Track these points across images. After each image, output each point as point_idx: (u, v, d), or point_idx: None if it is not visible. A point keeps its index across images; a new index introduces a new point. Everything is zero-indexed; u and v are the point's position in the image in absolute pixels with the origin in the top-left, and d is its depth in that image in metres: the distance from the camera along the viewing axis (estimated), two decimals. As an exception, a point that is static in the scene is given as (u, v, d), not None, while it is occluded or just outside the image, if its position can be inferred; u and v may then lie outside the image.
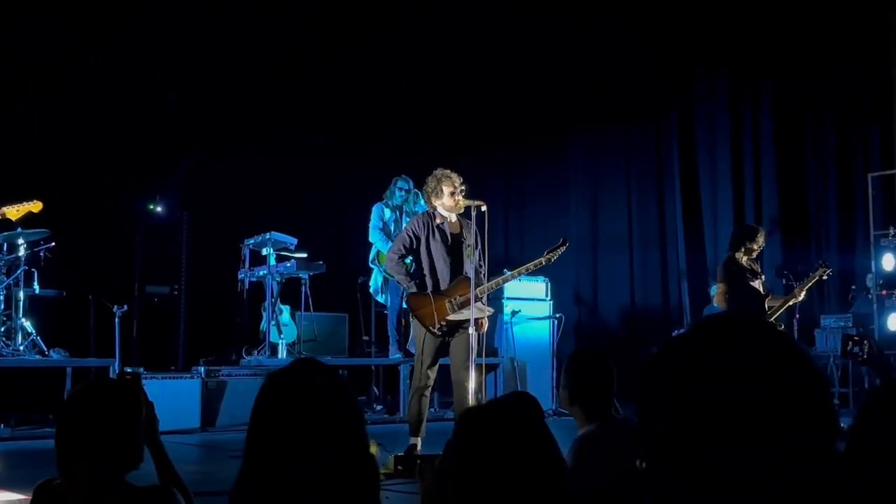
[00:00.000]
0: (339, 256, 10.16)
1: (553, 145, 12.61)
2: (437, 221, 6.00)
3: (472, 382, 5.70)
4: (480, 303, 5.84)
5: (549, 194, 12.65)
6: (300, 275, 9.37)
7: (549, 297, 10.15)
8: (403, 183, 8.87)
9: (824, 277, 7.54)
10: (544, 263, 6.06)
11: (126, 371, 6.51)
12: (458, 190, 5.96)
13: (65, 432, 2.22)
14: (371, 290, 9.31)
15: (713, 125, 11.99)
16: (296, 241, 9.31)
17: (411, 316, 6.15)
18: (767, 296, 7.31)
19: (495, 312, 8.57)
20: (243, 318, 9.64)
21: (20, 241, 7.82)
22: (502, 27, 11.32)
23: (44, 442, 6.25)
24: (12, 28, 9.23)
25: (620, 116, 12.24)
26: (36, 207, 7.60)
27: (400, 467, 5.35)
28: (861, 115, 11.31)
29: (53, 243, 7.94)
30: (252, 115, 10.58)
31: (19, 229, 7.73)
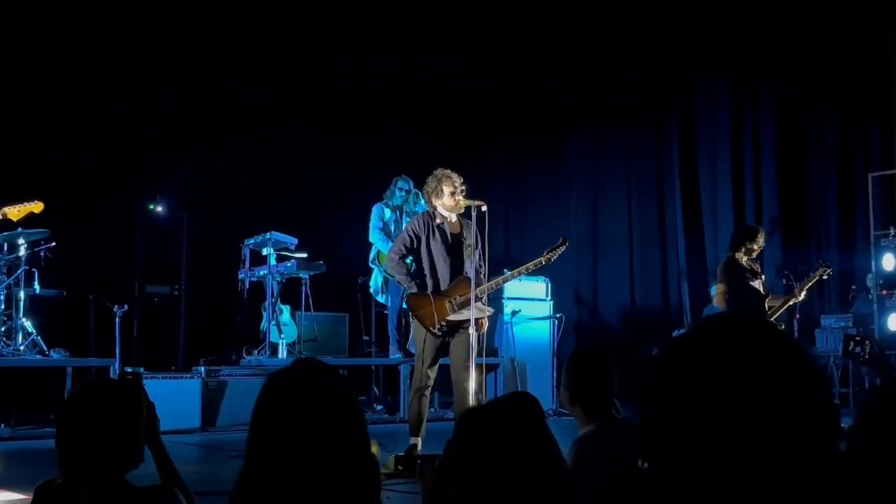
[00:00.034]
0: (339, 256, 10.16)
1: (553, 145, 12.61)
2: (438, 221, 6.00)
3: (473, 382, 5.69)
4: (480, 303, 5.84)
5: (550, 194, 12.65)
6: (300, 275, 9.37)
7: (549, 297, 10.15)
8: (404, 183, 8.86)
9: (824, 277, 7.54)
10: (544, 263, 6.06)
11: (127, 371, 6.52)
12: (459, 190, 5.96)
13: (65, 432, 2.22)
14: (371, 291, 9.30)
15: (713, 125, 11.98)
16: (296, 241, 9.32)
17: (411, 316, 6.15)
18: (767, 296, 7.30)
19: (495, 312, 8.57)
20: (243, 318, 9.64)
21: (21, 240, 7.82)
22: (502, 27, 11.32)
23: (44, 442, 6.25)
24: (12, 28, 9.23)
25: (620, 116, 12.23)
26: (37, 208, 7.60)
27: (400, 467, 5.35)
28: (861, 115, 11.30)
29: (54, 243, 7.94)
30: (252, 115, 10.58)
31: (20, 229, 7.74)
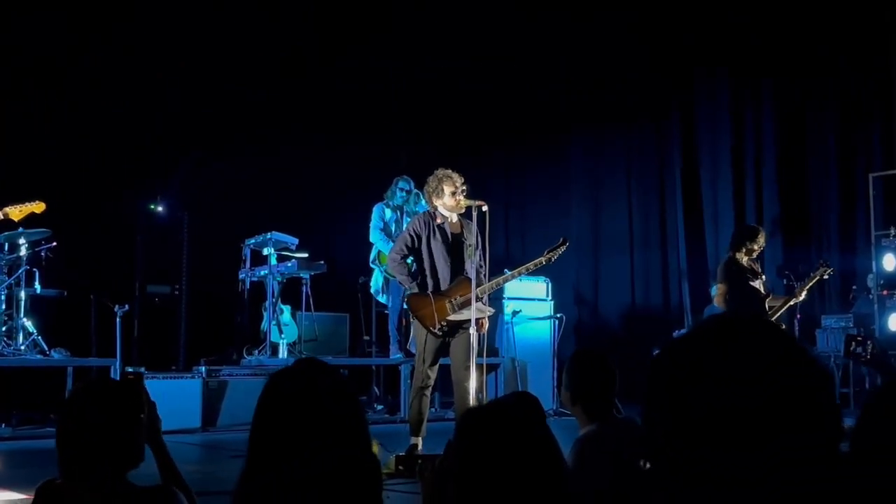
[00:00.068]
0: (339, 256, 10.16)
1: (553, 145, 12.60)
2: (438, 221, 5.99)
3: (473, 382, 5.69)
4: (481, 303, 5.84)
5: (550, 194, 12.65)
6: (301, 275, 9.37)
7: (549, 297, 10.14)
8: (404, 183, 8.86)
9: (825, 277, 7.54)
10: (544, 263, 6.06)
11: (129, 371, 6.53)
12: (460, 190, 5.96)
13: (66, 432, 2.22)
14: (372, 291, 9.30)
15: (713, 125, 11.98)
16: (297, 241, 9.32)
17: (412, 316, 6.15)
18: (768, 296, 7.30)
19: (496, 312, 8.56)
20: (244, 318, 9.64)
21: (21, 240, 7.83)
22: (502, 27, 11.32)
23: (45, 442, 6.25)
24: (12, 28, 9.23)
25: (621, 116, 12.23)
26: (39, 208, 7.60)
27: (401, 467, 5.34)
28: (861, 115, 11.30)
29: (55, 243, 7.95)
30: (252, 115, 10.57)
31: (20, 229, 7.74)
